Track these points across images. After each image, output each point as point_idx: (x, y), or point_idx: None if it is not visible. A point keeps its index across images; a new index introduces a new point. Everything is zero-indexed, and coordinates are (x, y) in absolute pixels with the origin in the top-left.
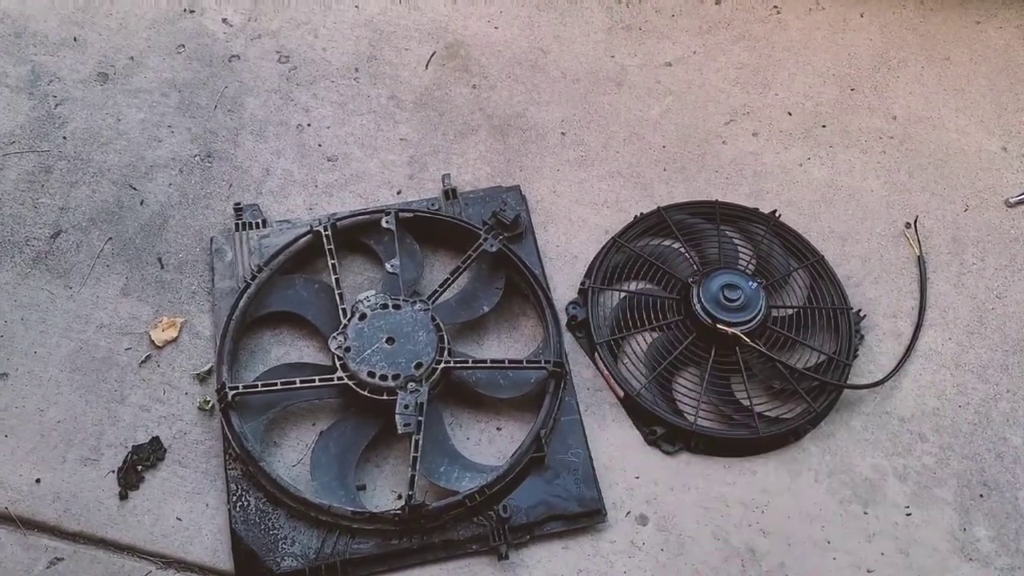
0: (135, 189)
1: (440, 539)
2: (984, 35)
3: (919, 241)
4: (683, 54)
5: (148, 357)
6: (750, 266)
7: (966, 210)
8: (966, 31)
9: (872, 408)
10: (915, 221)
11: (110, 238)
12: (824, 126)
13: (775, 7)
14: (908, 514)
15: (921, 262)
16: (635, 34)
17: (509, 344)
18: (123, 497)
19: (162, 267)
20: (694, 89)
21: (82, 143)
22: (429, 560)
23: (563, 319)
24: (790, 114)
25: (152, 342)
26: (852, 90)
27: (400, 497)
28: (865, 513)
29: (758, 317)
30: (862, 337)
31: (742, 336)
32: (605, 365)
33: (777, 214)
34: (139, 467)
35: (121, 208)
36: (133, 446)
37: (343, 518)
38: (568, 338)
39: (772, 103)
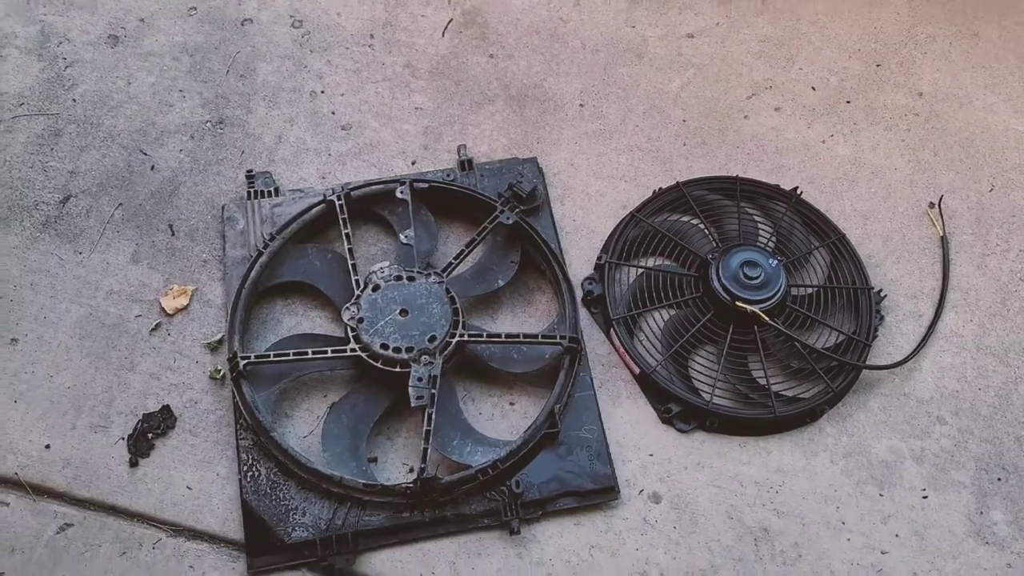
0: (146, 154)
1: (452, 513)
2: (1014, 11)
3: (943, 221)
4: (706, 25)
5: (158, 325)
6: (770, 244)
7: (991, 190)
8: (995, 6)
9: (890, 389)
10: (939, 201)
11: (120, 204)
12: (848, 102)
13: None
14: (924, 497)
15: (944, 242)
16: (657, 4)
17: (524, 319)
18: (133, 464)
19: (173, 234)
20: (716, 62)
21: (92, 106)
22: (440, 533)
23: (579, 294)
24: (814, 89)
25: (163, 310)
26: (878, 66)
27: (412, 470)
28: (881, 495)
29: (778, 295)
30: (882, 318)
31: (761, 314)
32: (621, 341)
33: (799, 191)
34: (149, 435)
35: (131, 173)
36: (144, 414)
37: (355, 490)
38: (583, 314)
39: (796, 77)
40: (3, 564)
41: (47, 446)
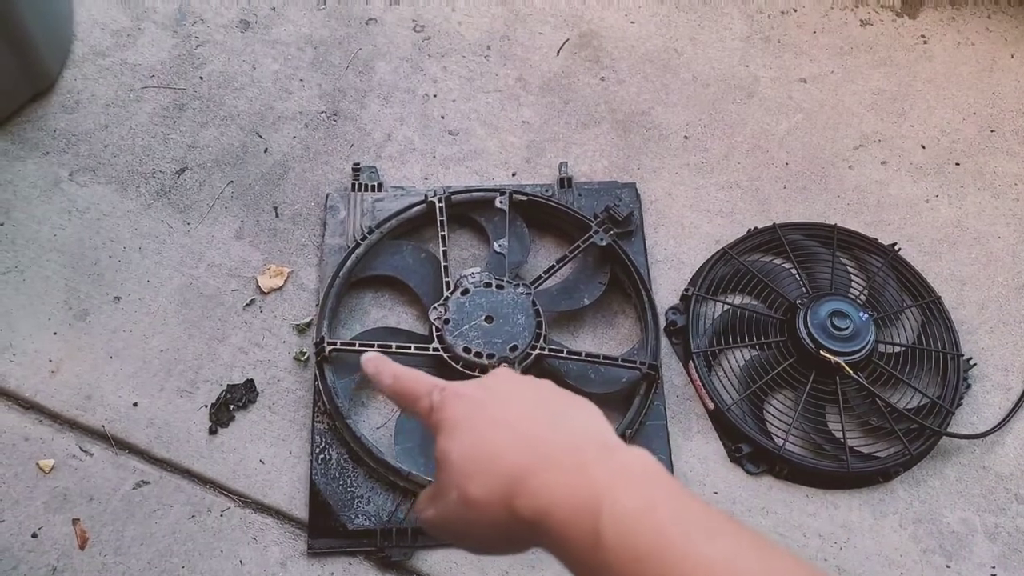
0: (261, 137)
1: None
2: None
3: None
4: (820, 72)
5: (252, 301)
6: (861, 297)
7: None
8: None
9: (969, 460)
10: None
11: (231, 181)
12: (958, 164)
13: (922, 36)
14: (993, 574)
15: None
16: (773, 46)
17: (603, 340)
18: (212, 432)
19: (277, 216)
20: (826, 109)
21: (217, 86)
22: None
23: (662, 323)
24: (923, 147)
25: (258, 287)
26: (992, 131)
27: None
28: (948, 567)
29: (864, 350)
30: (969, 386)
31: (845, 367)
32: (698, 375)
33: (897, 247)
34: (231, 406)
35: (245, 153)
36: (228, 385)
37: (420, 486)
38: (664, 343)
39: (906, 134)
40: (80, 511)
41: (135, 404)
